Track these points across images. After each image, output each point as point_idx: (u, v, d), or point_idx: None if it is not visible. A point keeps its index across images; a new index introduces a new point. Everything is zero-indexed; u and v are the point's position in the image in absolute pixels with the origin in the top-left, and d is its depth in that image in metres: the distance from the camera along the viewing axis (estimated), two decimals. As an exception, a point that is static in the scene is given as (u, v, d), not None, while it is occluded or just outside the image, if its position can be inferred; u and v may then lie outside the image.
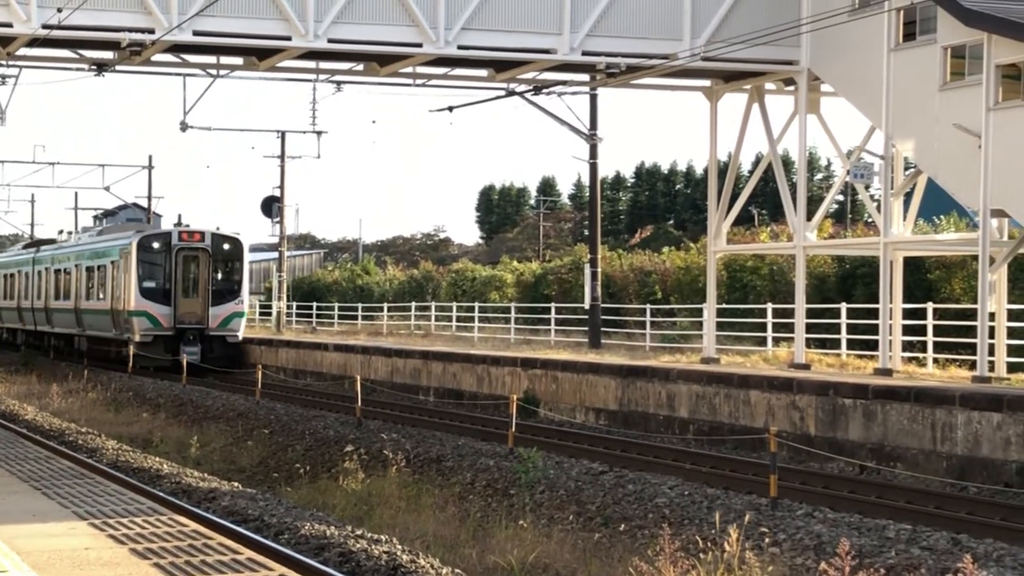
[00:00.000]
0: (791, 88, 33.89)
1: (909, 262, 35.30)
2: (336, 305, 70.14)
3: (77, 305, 58.81)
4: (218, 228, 52.83)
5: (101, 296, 55.34)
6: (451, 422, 32.64)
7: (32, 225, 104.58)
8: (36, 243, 76.26)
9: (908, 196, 32.44)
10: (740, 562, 13.65)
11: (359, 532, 17.65)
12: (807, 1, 32.11)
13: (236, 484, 23.60)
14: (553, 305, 51.36)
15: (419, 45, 31.50)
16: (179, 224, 54.57)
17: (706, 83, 35.89)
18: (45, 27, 29.69)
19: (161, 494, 20.50)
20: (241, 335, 52.67)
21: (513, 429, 26.53)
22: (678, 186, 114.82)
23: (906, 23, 30.13)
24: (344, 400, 36.85)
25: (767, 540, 16.32)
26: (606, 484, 22.09)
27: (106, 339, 55.42)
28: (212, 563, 13.13)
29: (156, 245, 51.45)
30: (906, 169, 32.57)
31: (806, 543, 17.10)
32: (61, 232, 75.85)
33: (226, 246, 52.25)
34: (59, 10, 29.31)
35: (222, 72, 34.96)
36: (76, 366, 55.41)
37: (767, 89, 34.96)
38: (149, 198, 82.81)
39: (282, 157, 68.94)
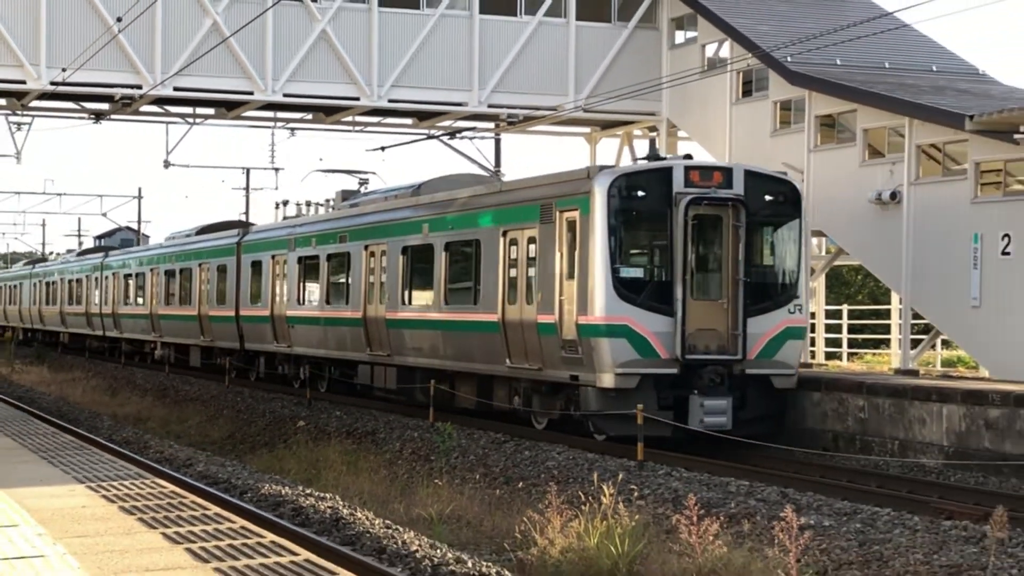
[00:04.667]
0: (654, 134, 34.13)
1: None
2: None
3: (366, 314, 28.78)
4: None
5: (475, 298, 24.63)
6: (383, 402, 32.47)
7: (43, 245, 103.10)
8: (239, 224, 41.90)
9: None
10: (613, 512, 13.68)
11: (308, 491, 17.52)
12: (666, 63, 32.41)
13: (209, 453, 23.37)
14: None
15: (357, 99, 31.62)
16: (653, 152, 23.13)
17: (587, 130, 36.17)
18: (52, 83, 29.53)
19: (147, 461, 20.21)
20: (796, 373, 22.32)
21: (433, 408, 26.44)
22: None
23: (744, 82, 30.48)
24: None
25: (635, 495, 16.36)
26: (507, 451, 22.09)
27: (487, 377, 25.04)
28: (186, 517, 13.00)
29: (641, 194, 21.05)
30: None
31: (665, 496, 17.18)
32: (278, 206, 37.90)
33: (769, 197, 21.80)
34: (64, 70, 29.18)
35: (198, 120, 34.79)
36: (79, 358, 54.31)
37: (635, 135, 35.28)
38: (139, 222, 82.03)
39: (247, 189, 68.60)
